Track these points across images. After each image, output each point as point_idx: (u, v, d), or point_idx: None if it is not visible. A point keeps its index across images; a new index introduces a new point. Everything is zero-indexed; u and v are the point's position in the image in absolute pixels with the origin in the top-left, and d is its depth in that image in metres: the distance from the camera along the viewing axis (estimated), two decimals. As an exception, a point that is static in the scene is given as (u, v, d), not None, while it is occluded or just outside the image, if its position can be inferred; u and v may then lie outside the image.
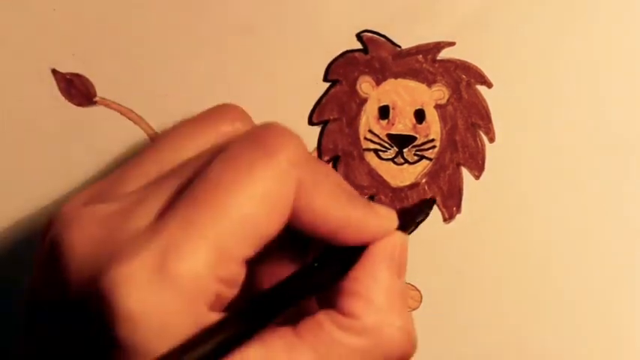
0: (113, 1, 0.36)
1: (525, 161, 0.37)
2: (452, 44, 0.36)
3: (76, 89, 0.37)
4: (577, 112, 0.37)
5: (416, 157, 0.37)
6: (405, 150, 0.37)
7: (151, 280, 0.26)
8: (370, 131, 0.37)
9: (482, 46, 0.36)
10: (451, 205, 0.38)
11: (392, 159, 0.37)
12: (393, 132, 0.37)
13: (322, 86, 0.37)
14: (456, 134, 0.37)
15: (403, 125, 0.37)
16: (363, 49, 0.37)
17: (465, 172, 0.37)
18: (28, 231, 0.38)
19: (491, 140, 0.37)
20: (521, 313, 0.38)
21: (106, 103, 0.37)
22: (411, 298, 0.38)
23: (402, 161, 0.37)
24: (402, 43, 0.37)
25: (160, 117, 0.37)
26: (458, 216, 0.37)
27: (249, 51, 0.37)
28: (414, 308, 0.38)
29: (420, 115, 0.37)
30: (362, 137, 0.37)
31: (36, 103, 0.37)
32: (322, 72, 0.37)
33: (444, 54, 0.37)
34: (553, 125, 0.37)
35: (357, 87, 0.37)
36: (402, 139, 0.37)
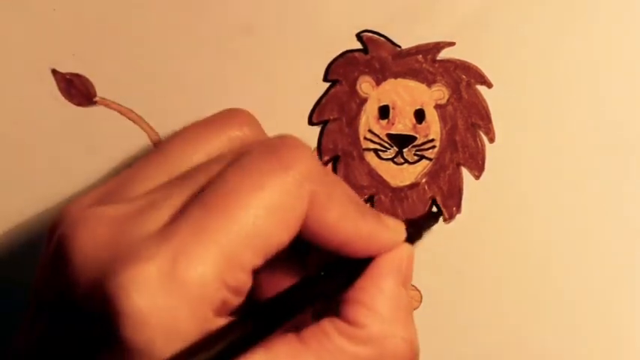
0: (113, 1, 0.36)
1: (525, 161, 0.37)
2: (452, 44, 0.36)
3: (76, 89, 0.37)
4: (577, 112, 0.37)
5: (416, 157, 0.37)
6: (404, 150, 0.37)
7: (159, 283, 0.27)
8: (370, 131, 0.37)
9: (482, 46, 0.36)
10: (451, 205, 0.38)
11: (392, 159, 0.37)
12: (392, 132, 0.37)
13: (322, 86, 0.37)
14: (456, 134, 0.37)
15: (403, 125, 0.37)
16: (363, 49, 0.37)
17: (465, 172, 0.37)
18: (28, 231, 0.38)
19: (491, 140, 0.37)
20: (521, 313, 0.38)
21: (106, 103, 0.37)
22: (411, 298, 0.38)
23: (401, 161, 0.37)
24: (402, 43, 0.37)
25: (160, 117, 0.37)
26: (458, 216, 0.37)
27: (249, 51, 0.37)
28: (414, 308, 0.38)
29: (419, 115, 0.37)
30: (362, 137, 0.37)
31: (36, 103, 0.37)
32: (322, 72, 0.37)
33: (444, 54, 0.37)
34: (553, 125, 0.37)
35: (357, 87, 0.37)
36: (401, 139, 0.37)
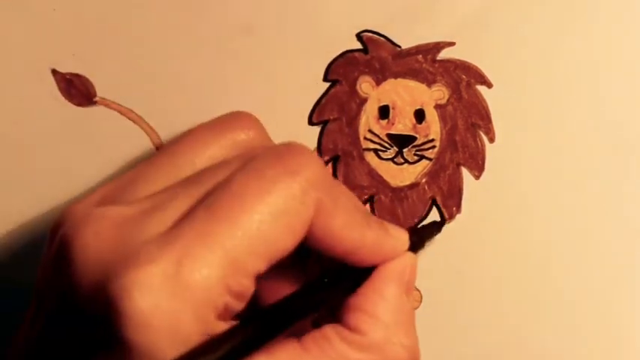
0: (113, 1, 0.36)
1: (525, 161, 0.37)
2: (452, 44, 0.36)
3: (76, 89, 0.37)
4: (577, 112, 0.37)
5: (416, 157, 0.37)
6: (404, 150, 0.37)
7: (163, 285, 0.27)
8: (370, 131, 0.37)
9: (482, 46, 0.36)
10: (451, 205, 0.38)
11: (392, 159, 0.37)
12: (392, 132, 0.37)
13: (322, 86, 0.37)
14: (456, 134, 0.37)
15: (403, 125, 0.37)
16: (363, 49, 0.37)
17: (465, 172, 0.37)
18: (28, 231, 0.38)
19: (491, 140, 0.37)
20: (521, 313, 0.38)
21: (106, 103, 0.37)
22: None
23: (401, 161, 0.37)
24: (402, 43, 0.37)
25: (160, 117, 0.37)
26: (458, 216, 0.37)
27: (249, 51, 0.37)
28: (414, 308, 0.38)
29: (419, 115, 0.37)
30: (362, 137, 0.37)
31: (36, 103, 0.37)
32: (322, 72, 0.37)
33: (444, 54, 0.37)
34: (553, 125, 0.37)
35: (357, 87, 0.37)
36: (401, 139, 0.37)
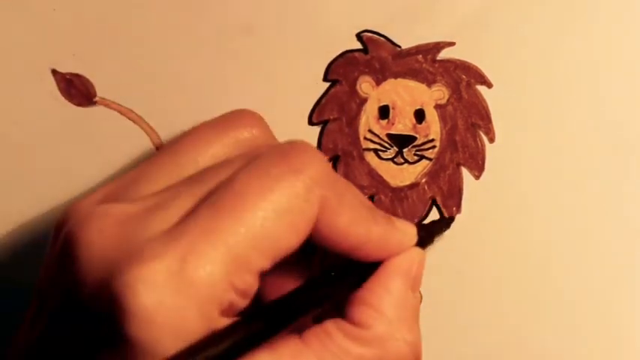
0: (113, 1, 0.37)
1: (525, 161, 0.37)
2: (452, 44, 0.36)
3: (76, 89, 0.37)
4: (577, 112, 0.37)
5: (416, 157, 0.37)
6: (404, 150, 0.37)
7: (167, 282, 0.27)
8: (370, 131, 0.37)
9: (482, 46, 0.36)
10: (451, 205, 0.38)
11: (392, 159, 0.37)
12: (392, 132, 0.37)
13: (322, 86, 0.37)
14: (456, 134, 0.37)
15: (403, 125, 0.37)
16: (363, 49, 0.37)
17: (465, 172, 0.37)
18: (29, 231, 0.38)
19: (491, 140, 0.37)
20: (521, 313, 0.38)
21: (106, 103, 0.37)
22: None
23: (401, 161, 0.37)
24: (402, 43, 0.37)
25: (160, 117, 0.37)
26: (458, 216, 0.37)
27: (249, 51, 0.37)
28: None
29: (420, 115, 0.37)
30: (362, 137, 0.37)
31: (36, 103, 0.37)
32: (322, 72, 0.37)
33: (444, 54, 0.37)
34: (553, 125, 0.37)
35: (357, 87, 0.37)
36: (401, 139, 0.37)
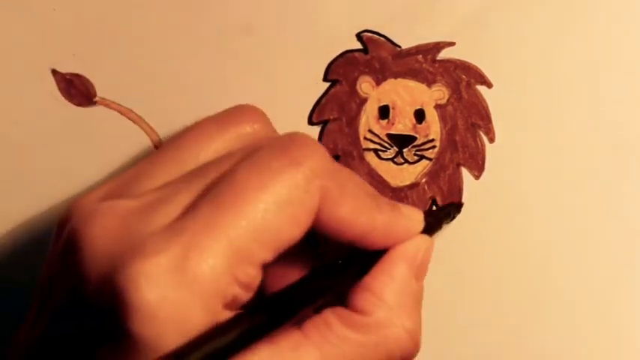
0: (113, 1, 0.36)
1: (525, 161, 0.37)
2: (452, 44, 0.36)
3: (76, 89, 0.37)
4: (577, 112, 0.37)
5: (416, 157, 0.37)
6: (404, 150, 0.37)
7: (169, 276, 0.27)
8: (370, 131, 0.37)
9: (482, 46, 0.36)
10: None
11: (392, 159, 0.37)
12: (392, 132, 0.37)
13: (322, 86, 0.37)
14: (456, 134, 0.37)
15: (403, 125, 0.37)
16: (363, 49, 0.37)
17: (465, 172, 0.37)
18: (29, 231, 0.38)
19: (491, 140, 0.37)
20: (521, 313, 0.38)
21: (106, 103, 0.37)
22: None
23: (401, 161, 0.37)
24: (402, 43, 0.37)
25: (160, 117, 0.37)
26: (458, 216, 0.37)
27: (249, 51, 0.37)
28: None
29: (419, 115, 0.37)
30: (362, 137, 0.37)
31: (36, 103, 0.37)
32: (322, 72, 0.37)
33: (444, 54, 0.37)
34: (553, 125, 0.37)
35: (357, 87, 0.37)
36: (401, 139, 0.37)
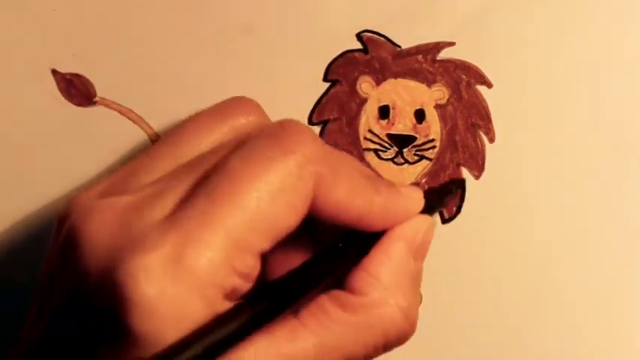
0: (113, 1, 0.36)
1: (525, 161, 0.37)
2: (452, 44, 0.36)
3: (76, 89, 0.37)
4: (577, 112, 0.37)
5: (416, 157, 0.37)
6: (404, 150, 0.37)
7: (167, 270, 0.27)
8: (370, 131, 0.37)
9: (482, 46, 0.36)
10: (451, 204, 0.37)
11: (392, 159, 0.37)
12: (393, 132, 0.37)
13: (322, 86, 0.37)
14: (456, 134, 0.37)
15: (403, 125, 0.37)
16: (363, 49, 0.37)
17: (465, 172, 0.37)
18: (28, 231, 0.38)
19: (491, 140, 0.37)
20: (521, 313, 0.38)
21: (106, 103, 0.37)
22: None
23: (402, 161, 0.37)
24: (402, 43, 0.37)
25: (160, 117, 0.37)
26: (458, 216, 0.37)
27: (249, 51, 0.37)
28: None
29: (420, 115, 0.37)
30: (362, 137, 0.37)
31: (36, 103, 0.37)
32: (322, 72, 0.37)
33: (444, 54, 0.37)
34: (553, 125, 0.37)
35: (357, 87, 0.37)
36: (402, 139, 0.37)
